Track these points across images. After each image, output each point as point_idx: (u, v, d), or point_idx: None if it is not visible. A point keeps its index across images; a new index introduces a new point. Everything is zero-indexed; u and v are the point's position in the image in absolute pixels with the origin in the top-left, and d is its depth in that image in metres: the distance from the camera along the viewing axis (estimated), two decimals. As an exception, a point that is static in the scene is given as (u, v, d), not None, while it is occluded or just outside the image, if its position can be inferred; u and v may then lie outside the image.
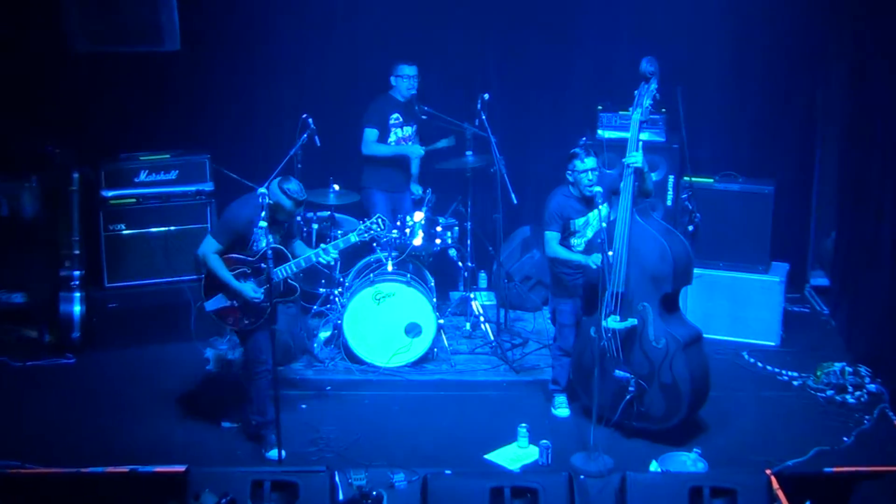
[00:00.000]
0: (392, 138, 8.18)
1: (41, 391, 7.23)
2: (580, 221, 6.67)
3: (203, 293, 6.41)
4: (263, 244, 6.20)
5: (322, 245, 6.49)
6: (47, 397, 7.14)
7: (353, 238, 6.49)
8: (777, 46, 8.55)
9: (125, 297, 7.92)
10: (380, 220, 6.49)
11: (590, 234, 6.65)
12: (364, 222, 6.52)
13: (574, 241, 6.69)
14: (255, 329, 6.34)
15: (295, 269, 6.34)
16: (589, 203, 6.61)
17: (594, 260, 6.38)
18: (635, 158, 6.36)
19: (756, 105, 8.72)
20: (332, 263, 6.88)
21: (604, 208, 6.29)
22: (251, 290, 6.28)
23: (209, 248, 6.31)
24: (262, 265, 6.20)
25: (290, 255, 6.36)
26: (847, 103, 8.37)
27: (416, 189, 8.37)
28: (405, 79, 8.10)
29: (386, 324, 7.54)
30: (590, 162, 6.57)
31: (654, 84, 6.39)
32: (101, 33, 7.68)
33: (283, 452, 6.15)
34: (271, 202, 6.14)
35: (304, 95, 8.56)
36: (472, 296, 8.19)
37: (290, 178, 6.31)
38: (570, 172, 6.63)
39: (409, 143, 8.27)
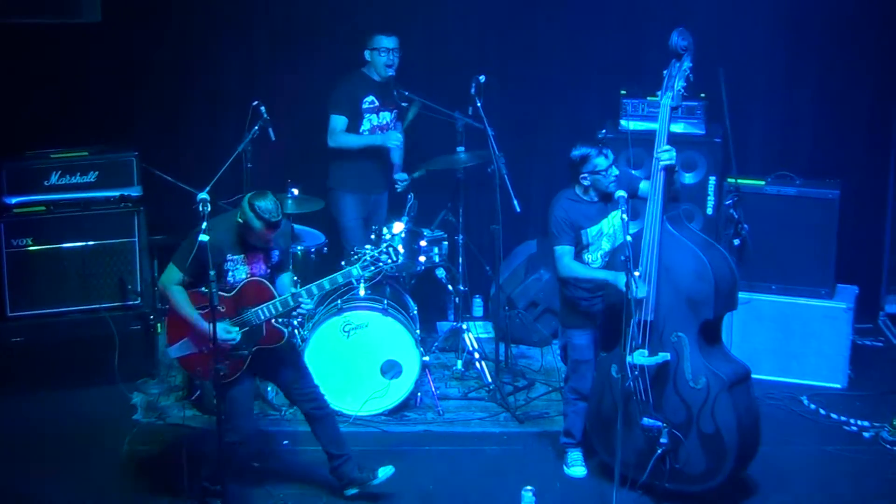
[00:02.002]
0: (365, 126, 8.23)
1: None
2: (593, 231, 6.68)
3: (168, 334, 6.42)
4: (242, 275, 6.27)
5: (313, 284, 6.33)
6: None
7: (356, 272, 6.36)
8: (842, 16, 8.62)
9: (32, 330, 7.92)
10: (390, 250, 6.39)
11: (606, 246, 6.69)
12: (371, 250, 6.41)
13: (588, 256, 6.70)
14: (231, 383, 6.29)
15: (278, 310, 6.29)
16: (602, 208, 6.67)
17: (624, 279, 6.26)
18: (669, 154, 6.41)
19: (817, 90, 8.79)
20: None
21: (623, 215, 6.30)
22: (222, 331, 6.20)
23: (170, 278, 6.33)
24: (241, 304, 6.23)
25: (274, 291, 6.34)
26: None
27: (402, 176, 8.42)
28: (383, 53, 8.14)
29: (357, 362, 7.57)
30: (610, 154, 6.63)
31: (687, 62, 6.42)
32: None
33: None
34: (240, 220, 6.18)
35: (254, 78, 8.61)
36: (464, 327, 8.25)
37: (266, 192, 6.23)
38: (586, 176, 6.63)
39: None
